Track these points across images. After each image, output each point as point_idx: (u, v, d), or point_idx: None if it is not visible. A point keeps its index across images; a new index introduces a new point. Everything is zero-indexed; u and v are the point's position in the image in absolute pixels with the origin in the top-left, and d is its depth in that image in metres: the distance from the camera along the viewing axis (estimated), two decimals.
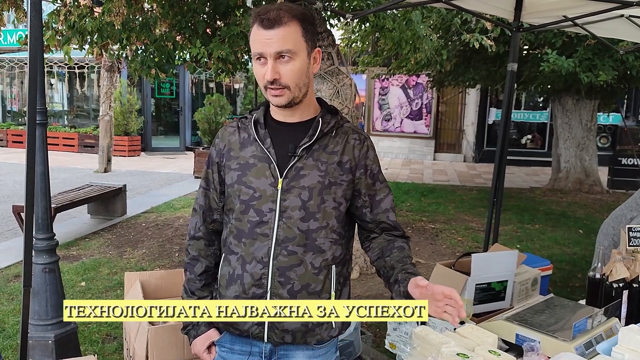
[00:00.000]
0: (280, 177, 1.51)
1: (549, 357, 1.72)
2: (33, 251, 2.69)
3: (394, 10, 5.25)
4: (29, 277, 2.14)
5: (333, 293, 1.56)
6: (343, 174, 1.54)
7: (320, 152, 1.53)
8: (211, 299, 1.66)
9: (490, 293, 2.36)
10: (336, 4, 5.11)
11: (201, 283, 1.67)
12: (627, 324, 1.99)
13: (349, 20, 3.53)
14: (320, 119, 1.56)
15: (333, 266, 1.55)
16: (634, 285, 2.07)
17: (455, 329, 1.92)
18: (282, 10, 1.44)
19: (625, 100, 13.46)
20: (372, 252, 1.63)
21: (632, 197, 3.02)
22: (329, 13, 5.44)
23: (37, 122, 2.47)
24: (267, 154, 1.53)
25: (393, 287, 1.51)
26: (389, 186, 1.67)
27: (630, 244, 2.14)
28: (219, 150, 1.62)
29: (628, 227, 2.17)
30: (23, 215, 5.84)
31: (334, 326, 1.58)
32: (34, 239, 2.72)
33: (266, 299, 1.52)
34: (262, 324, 1.53)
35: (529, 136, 14.61)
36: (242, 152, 1.57)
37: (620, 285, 2.05)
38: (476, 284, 2.32)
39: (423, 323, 2.06)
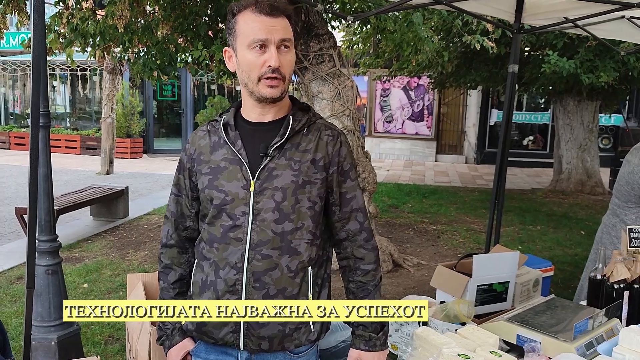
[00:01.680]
0: (253, 179, 1.47)
1: (550, 358, 1.72)
2: (36, 253, 2.71)
3: (395, 12, 5.26)
4: (32, 279, 2.15)
5: (310, 295, 1.52)
6: (317, 172, 1.50)
7: (292, 150, 1.49)
8: None
9: (491, 294, 2.37)
10: (337, 6, 5.13)
11: (175, 292, 1.63)
12: (628, 324, 1.99)
13: (350, 22, 3.54)
14: (291, 116, 1.51)
15: (309, 268, 1.52)
16: (635, 286, 2.07)
17: (456, 329, 1.92)
18: (282, 1, 1.46)
19: (627, 102, 13.46)
20: (339, 260, 1.64)
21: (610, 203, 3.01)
22: (330, 15, 5.46)
23: (40, 124, 2.49)
24: (239, 156, 1.49)
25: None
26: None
27: (631, 244, 2.15)
28: (190, 155, 1.58)
29: (629, 228, 2.17)
30: (26, 217, 5.85)
31: (312, 330, 1.53)
32: (36, 241, 2.74)
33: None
34: (237, 331, 1.49)
35: (531, 137, 14.60)
36: (212, 156, 1.53)
37: (621, 286, 2.06)
38: (477, 285, 2.32)
39: (425, 324, 2.07)
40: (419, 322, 2.05)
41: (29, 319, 2.14)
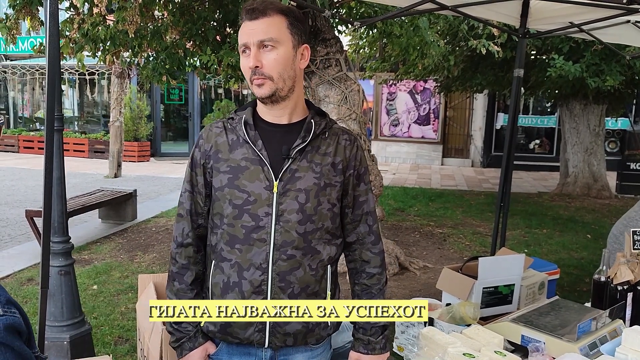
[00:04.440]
0: (276, 180, 1.48)
1: (554, 358, 1.75)
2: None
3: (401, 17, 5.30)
4: (47, 279, 2.19)
5: (329, 292, 1.57)
6: (336, 175, 1.54)
7: (313, 153, 1.52)
8: None
9: (497, 297, 2.39)
10: (344, 10, 5.18)
11: (193, 293, 1.60)
12: (631, 325, 2.02)
13: (356, 27, 3.58)
14: (312, 120, 1.54)
15: (328, 266, 1.56)
16: (639, 287, 2.09)
17: (462, 331, 1.96)
18: (267, 2, 1.46)
19: (634, 105, 13.42)
20: (347, 262, 1.68)
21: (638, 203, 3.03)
22: (337, 20, 5.51)
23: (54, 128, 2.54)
24: (260, 156, 1.49)
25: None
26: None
27: (635, 247, 2.17)
28: (205, 151, 1.55)
29: (633, 231, 2.19)
30: (36, 219, 5.89)
31: (329, 324, 1.60)
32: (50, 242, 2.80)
33: None
34: (263, 330, 1.50)
35: (537, 141, 14.59)
36: (231, 155, 1.51)
37: (625, 287, 2.08)
38: (483, 288, 2.35)
39: (431, 324, 2.10)
40: (424, 323, 2.09)
41: (42, 319, 2.18)
